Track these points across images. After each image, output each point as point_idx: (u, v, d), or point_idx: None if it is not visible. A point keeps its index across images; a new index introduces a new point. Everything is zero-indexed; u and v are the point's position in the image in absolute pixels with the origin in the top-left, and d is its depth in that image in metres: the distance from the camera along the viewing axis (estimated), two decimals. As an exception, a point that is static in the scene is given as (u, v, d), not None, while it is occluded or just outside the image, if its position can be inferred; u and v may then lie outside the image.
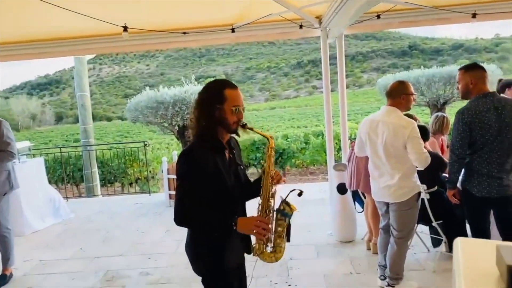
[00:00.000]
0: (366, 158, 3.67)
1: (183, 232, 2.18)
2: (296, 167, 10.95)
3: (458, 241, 1.05)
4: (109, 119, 61.34)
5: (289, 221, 2.11)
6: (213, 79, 2.38)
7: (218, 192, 2.05)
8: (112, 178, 10.77)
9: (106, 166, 10.71)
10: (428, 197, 3.75)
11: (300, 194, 2.12)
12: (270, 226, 2.06)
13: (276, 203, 2.13)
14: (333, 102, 5.33)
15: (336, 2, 4.10)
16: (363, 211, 4.75)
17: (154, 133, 15.33)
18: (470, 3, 4.76)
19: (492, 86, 3.44)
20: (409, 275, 3.70)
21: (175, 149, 11.66)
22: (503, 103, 3.01)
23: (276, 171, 2.15)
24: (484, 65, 3.48)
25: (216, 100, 2.05)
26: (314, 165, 10.83)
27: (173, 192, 6.99)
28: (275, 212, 2.11)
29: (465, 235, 4.05)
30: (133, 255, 4.95)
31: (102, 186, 10.71)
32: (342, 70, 5.14)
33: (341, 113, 5.27)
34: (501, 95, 4.62)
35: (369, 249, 4.51)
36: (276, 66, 70.25)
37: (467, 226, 4.16)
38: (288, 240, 2.13)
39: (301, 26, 5.05)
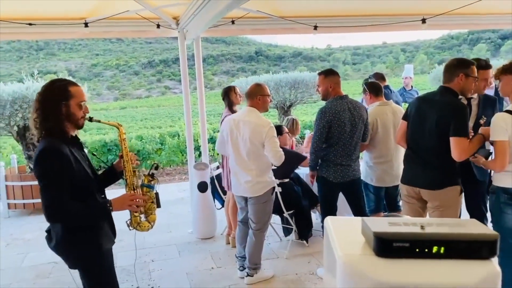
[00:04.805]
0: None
1: (28, 245, 2.07)
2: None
3: (328, 219, 1.27)
4: None
5: (156, 191, 2.43)
6: (54, 75, 2.37)
7: (83, 184, 2.15)
8: None
9: None
10: (280, 190, 4.11)
11: (157, 168, 2.45)
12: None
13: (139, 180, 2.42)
14: (191, 103, 5.42)
15: (194, 6, 4.20)
16: (222, 207, 4.95)
17: (-18, 135, 13.18)
18: (312, 16, 5.36)
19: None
20: (265, 263, 4.01)
21: (13, 152, 10.28)
22: (354, 105, 3.59)
23: (132, 153, 2.41)
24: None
25: (61, 97, 2.13)
26: (170, 166, 10.76)
27: (13, 201, 6.28)
28: (140, 187, 2.39)
29: (311, 223, 4.59)
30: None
31: None
32: (200, 71, 5.28)
33: (200, 114, 5.39)
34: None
35: (228, 243, 4.72)
36: (126, 64, 67.07)
37: (312, 216, 4.73)
38: (159, 206, 2.46)
39: (158, 26, 5.03)
